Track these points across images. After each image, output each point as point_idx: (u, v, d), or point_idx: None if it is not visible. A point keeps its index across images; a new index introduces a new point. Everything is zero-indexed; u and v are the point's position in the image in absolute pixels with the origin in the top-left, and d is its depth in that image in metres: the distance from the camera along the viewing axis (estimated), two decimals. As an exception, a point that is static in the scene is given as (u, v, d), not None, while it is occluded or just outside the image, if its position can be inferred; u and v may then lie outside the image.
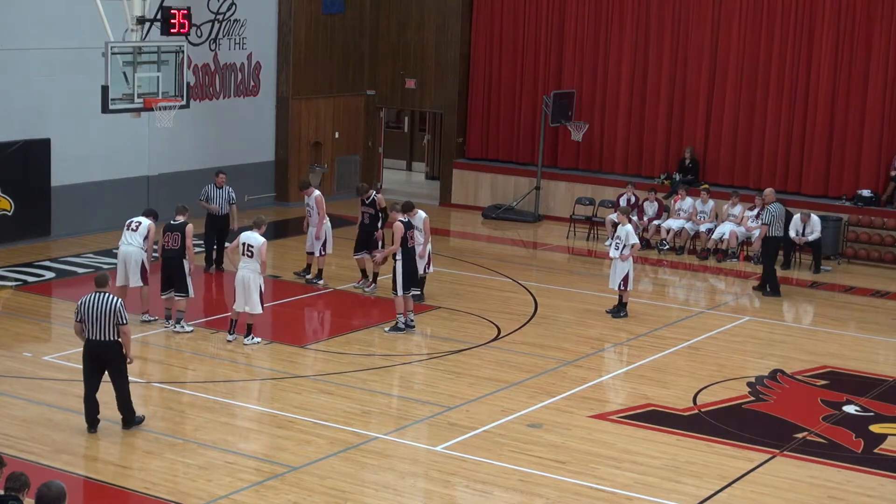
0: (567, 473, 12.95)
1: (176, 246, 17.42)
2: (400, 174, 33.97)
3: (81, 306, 13.31)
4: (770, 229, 21.06)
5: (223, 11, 26.30)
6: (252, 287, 16.91)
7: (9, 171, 22.32)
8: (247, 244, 16.98)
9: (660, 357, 17.36)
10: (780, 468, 13.40)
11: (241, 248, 17.02)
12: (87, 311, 13.24)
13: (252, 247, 16.92)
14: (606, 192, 26.56)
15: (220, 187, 21.38)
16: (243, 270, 16.96)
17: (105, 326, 13.21)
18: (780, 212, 21.35)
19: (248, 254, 16.95)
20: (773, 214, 21.11)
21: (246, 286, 16.92)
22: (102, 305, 13.20)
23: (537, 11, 27.94)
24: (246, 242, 17.00)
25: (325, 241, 20.48)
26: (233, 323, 17.22)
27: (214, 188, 21.40)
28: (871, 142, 24.74)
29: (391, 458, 13.28)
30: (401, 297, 17.90)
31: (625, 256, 18.98)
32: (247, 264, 16.97)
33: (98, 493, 12.28)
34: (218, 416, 14.41)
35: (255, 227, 17.24)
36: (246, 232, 17.19)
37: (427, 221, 19.09)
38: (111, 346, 13.30)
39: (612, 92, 27.26)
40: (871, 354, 18.20)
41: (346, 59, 28.90)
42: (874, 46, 24.51)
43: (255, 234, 17.08)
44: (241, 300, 17.01)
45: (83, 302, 13.31)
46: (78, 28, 22.52)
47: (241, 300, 16.99)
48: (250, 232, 17.13)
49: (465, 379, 16.04)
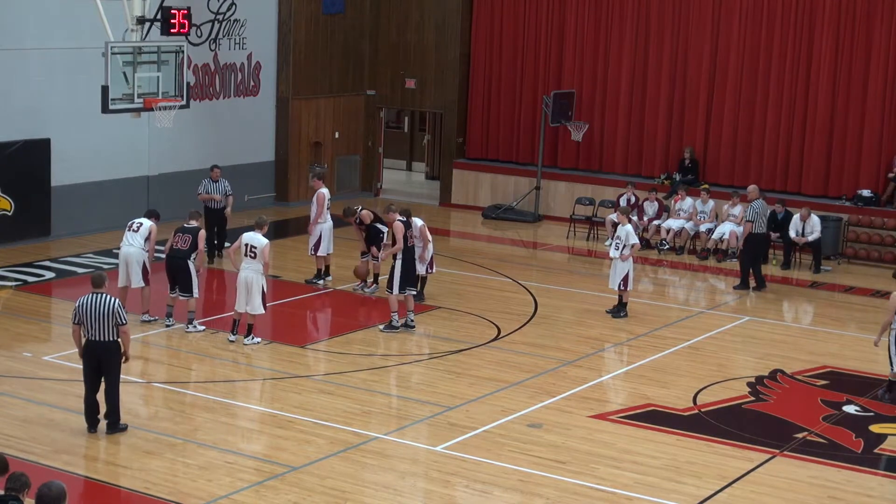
0: (567, 473, 12.95)
1: (185, 247, 17.42)
2: (400, 174, 33.96)
3: (79, 308, 13.30)
4: (754, 226, 21.24)
5: (223, 11, 26.30)
6: (255, 288, 16.91)
7: (9, 171, 22.32)
8: (249, 245, 16.97)
9: (660, 357, 17.36)
10: (780, 468, 13.40)
11: (243, 249, 17.02)
12: (86, 313, 13.23)
13: (255, 248, 16.91)
14: (606, 192, 26.57)
15: (216, 181, 22.18)
16: (246, 271, 16.96)
17: (104, 327, 13.21)
18: (764, 209, 21.59)
19: (251, 255, 16.94)
20: (756, 211, 21.33)
21: (248, 287, 16.92)
22: (101, 306, 13.20)
23: (537, 11, 27.95)
24: (249, 244, 16.98)
25: (320, 241, 20.36)
26: (235, 323, 17.22)
27: (211, 182, 22.19)
28: (871, 142, 24.74)
29: (391, 458, 13.28)
30: (395, 295, 17.91)
31: (625, 256, 18.98)
32: (249, 265, 16.96)
33: (98, 494, 12.28)
34: (218, 416, 14.42)
35: (258, 227, 17.22)
36: (248, 233, 17.18)
37: (424, 228, 19.07)
38: (109, 346, 13.31)
39: (612, 92, 27.26)
40: (871, 354, 18.17)
41: (346, 59, 28.90)
42: (874, 46, 24.52)
43: (258, 235, 17.07)
44: (242, 300, 17.01)
45: (81, 304, 13.30)
46: (78, 28, 22.52)
47: (243, 300, 17.00)
48: (252, 233, 17.12)
49: (465, 379, 16.04)
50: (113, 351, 13.36)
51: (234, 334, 17.18)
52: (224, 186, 22.20)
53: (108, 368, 13.41)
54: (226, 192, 22.16)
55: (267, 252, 16.97)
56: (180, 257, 17.44)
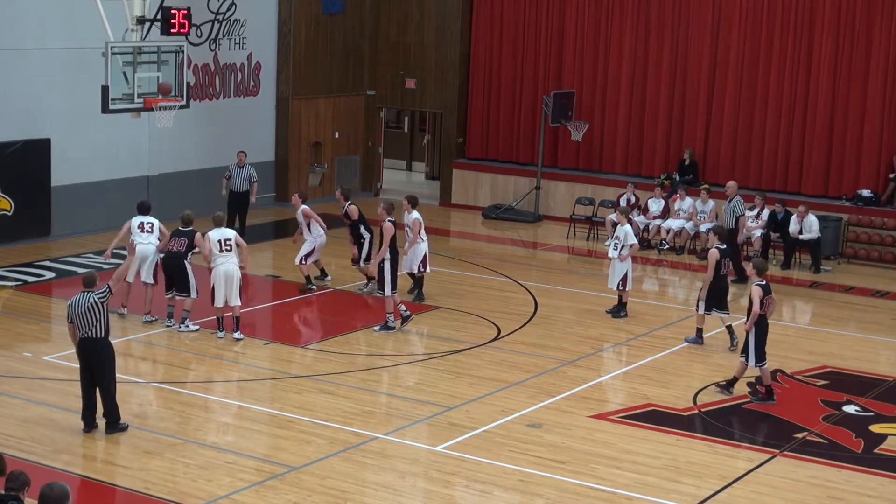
0: (567, 473, 12.95)
1: (181, 249, 17.53)
2: (400, 174, 33.96)
3: (70, 308, 13.46)
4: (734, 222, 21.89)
5: (223, 11, 26.30)
6: (236, 281, 17.18)
7: (9, 171, 22.32)
8: (223, 239, 17.20)
9: (660, 357, 17.36)
10: (780, 468, 13.40)
11: (217, 246, 17.15)
12: (75, 312, 13.39)
13: (230, 240, 17.20)
14: (606, 192, 26.56)
15: (242, 166, 23.42)
16: (226, 265, 17.14)
17: (91, 324, 13.30)
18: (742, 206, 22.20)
19: (226, 248, 17.16)
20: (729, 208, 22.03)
21: (229, 280, 17.11)
22: (85, 304, 13.34)
23: (537, 11, 27.95)
24: (222, 238, 17.21)
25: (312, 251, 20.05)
26: (220, 320, 17.30)
27: (236, 167, 23.44)
28: (871, 142, 24.74)
29: (391, 458, 13.28)
30: (389, 296, 17.92)
31: (623, 257, 18.98)
32: (228, 258, 17.16)
33: (98, 494, 12.28)
34: (218, 416, 14.42)
35: (216, 224, 17.43)
36: (213, 231, 17.33)
37: (418, 223, 18.97)
38: (99, 343, 13.36)
39: (612, 92, 27.26)
40: (871, 354, 18.21)
41: (346, 59, 28.90)
42: (874, 46, 24.52)
43: (225, 230, 17.39)
44: (221, 295, 17.12)
45: (72, 303, 13.47)
46: (78, 28, 22.51)
47: (222, 295, 17.11)
48: (217, 230, 17.33)
49: (465, 379, 16.04)
50: (102, 348, 13.41)
51: (223, 331, 17.26)
52: (249, 172, 23.34)
53: (98, 366, 13.42)
54: (250, 178, 23.22)
55: (240, 241, 17.32)
56: (177, 258, 17.55)
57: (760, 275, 15.49)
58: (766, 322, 15.47)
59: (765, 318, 15.40)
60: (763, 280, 15.43)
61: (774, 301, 15.74)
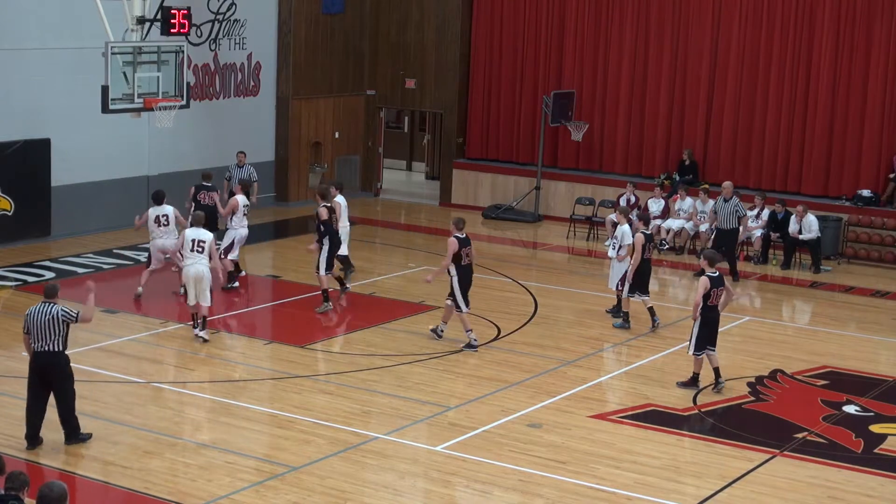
0: (567, 473, 12.96)
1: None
2: (400, 174, 33.95)
3: (28, 318, 13.03)
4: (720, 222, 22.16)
5: (223, 11, 26.30)
6: (206, 282, 17.19)
7: (9, 171, 22.33)
8: (197, 240, 17.22)
9: (660, 357, 17.36)
10: (780, 468, 13.40)
11: (189, 245, 17.17)
12: (33, 322, 12.95)
13: (203, 241, 17.23)
14: (606, 192, 26.57)
15: (242, 166, 23.42)
16: (198, 265, 17.15)
17: (47, 337, 12.89)
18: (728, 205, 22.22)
19: (198, 249, 17.19)
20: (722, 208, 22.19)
21: (199, 281, 17.12)
22: (44, 316, 12.90)
23: (537, 11, 27.95)
24: (196, 238, 17.23)
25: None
26: (195, 317, 17.34)
27: (236, 167, 23.45)
28: (871, 142, 24.74)
29: (391, 458, 13.28)
30: (323, 275, 18.63)
31: (621, 257, 18.97)
32: (198, 259, 17.20)
33: (98, 494, 12.28)
34: (218, 416, 14.42)
35: (197, 223, 17.48)
36: (190, 229, 17.39)
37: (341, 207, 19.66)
38: (55, 357, 12.94)
39: (612, 92, 27.26)
40: (871, 354, 18.21)
41: (346, 59, 28.91)
42: (874, 46, 24.52)
43: (202, 230, 17.38)
44: (193, 294, 17.16)
45: (30, 313, 13.03)
46: (78, 28, 22.52)
47: (193, 294, 17.16)
48: (194, 229, 17.37)
49: (465, 379, 16.04)
50: (58, 362, 12.98)
51: (197, 327, 17.34)
52: (248, 172, 23.23)
53: (54, 380, 13.02)
54: (250, 178, 22.83)
55: (213, 245, 17.34)
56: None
57: (712, 266, 15.69)
58: (717, 314, 15.69)
59: (714, 308, 15.59)
60: (715, 271, 15.58)
61: (731, 292, 16.10)
